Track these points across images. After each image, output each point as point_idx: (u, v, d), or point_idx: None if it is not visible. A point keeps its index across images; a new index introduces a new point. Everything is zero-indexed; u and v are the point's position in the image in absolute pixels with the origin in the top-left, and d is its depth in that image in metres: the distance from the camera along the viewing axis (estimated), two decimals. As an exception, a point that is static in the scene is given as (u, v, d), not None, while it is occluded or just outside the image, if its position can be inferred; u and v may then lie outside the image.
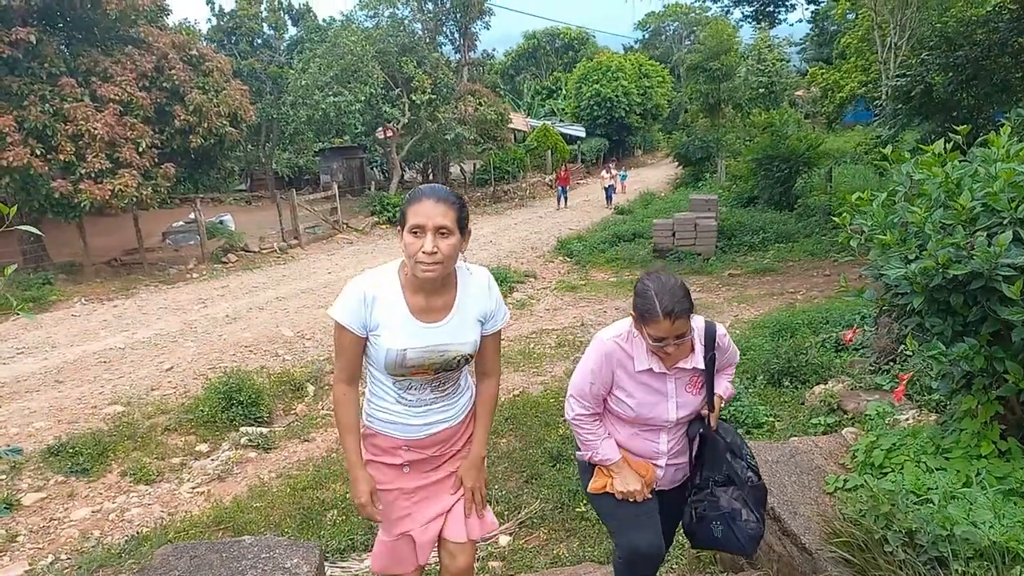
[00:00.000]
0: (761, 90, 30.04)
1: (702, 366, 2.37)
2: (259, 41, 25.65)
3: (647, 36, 59.10)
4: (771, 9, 16.36)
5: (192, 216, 17.61)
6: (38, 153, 12.69)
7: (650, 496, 2.43)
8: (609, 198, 23.77)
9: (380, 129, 24.31)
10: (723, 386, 2.51)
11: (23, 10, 13.04)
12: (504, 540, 4.11)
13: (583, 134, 38.46)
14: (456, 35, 28.17)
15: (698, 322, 2.38)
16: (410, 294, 2.08)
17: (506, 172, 29.44)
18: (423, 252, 1.92)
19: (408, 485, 2.24)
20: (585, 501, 4.29)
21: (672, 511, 2.55)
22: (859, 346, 6.00)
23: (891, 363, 5.12)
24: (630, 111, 39.23)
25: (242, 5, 24.65)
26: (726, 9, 17.55)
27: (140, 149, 13.78)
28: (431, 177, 28.56)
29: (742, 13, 17.60)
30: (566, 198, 24.83)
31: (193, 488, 5.62)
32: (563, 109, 42.35)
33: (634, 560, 2.45)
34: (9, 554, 4.65)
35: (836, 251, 11.34)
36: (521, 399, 6.61)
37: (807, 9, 18.98)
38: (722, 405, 2.50)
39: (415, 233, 1.93)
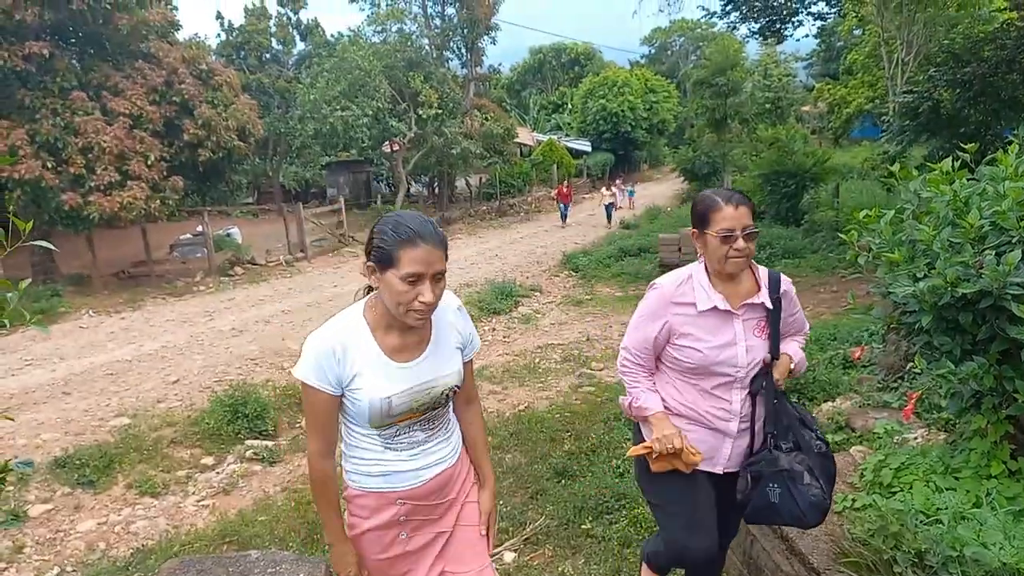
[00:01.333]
0: (767, 105, 30.12)
1: (769, 304, 2.30)
2: (268, 56, 25.89)
3: (653, 51, 59.52)
4: (778, 26, 16.42)
5: (200, 229, 17.72)
6: (49, 166, 12.83)
7: (684, 447, 2.26)
8: (609, 216, 22.83)
9: (387, 143, 24.46)
10: (792, 348, 2.41)
11: (36, 25, 13.21)
12: (509, 557, 4.08)
13: (589, 149, 38.62)
14: (463, 50, 28.36)
15: (761, 268, 2.38)
16: (382, 335, 1.89)
17: (512, 186, 29.56)
18: (421, 302, 1.75)
19: (409, 548, 2.04)
20: (591, 518, 4.28)
21: (733, 498, 2.37)
22: (867, 363, 5.97)
23: (899, 381, 5.09)
24: (636, 126, 39.39)
25: (251, 20, 24.91)
26: (732, 25, 17.61)
27: (149, 162, 13.89)
28: (437, 191, 28.66)
29: (749, 29, 17.66)
30: (564, 216, 23.81)
31: (198, 501, 5.62)
32: (569, 124, 42.53)
33: (683, 564, 2.37)
34: (15, 566, 4.65)
35: (843, 267, 11.35)
36: (527, 414, 6.59)
37: (814, 25, 19.03)
38: (791, 368, 2.36)
39: (412, 281, 1.74)
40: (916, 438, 3.79)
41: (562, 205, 23.96)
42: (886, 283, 2.70)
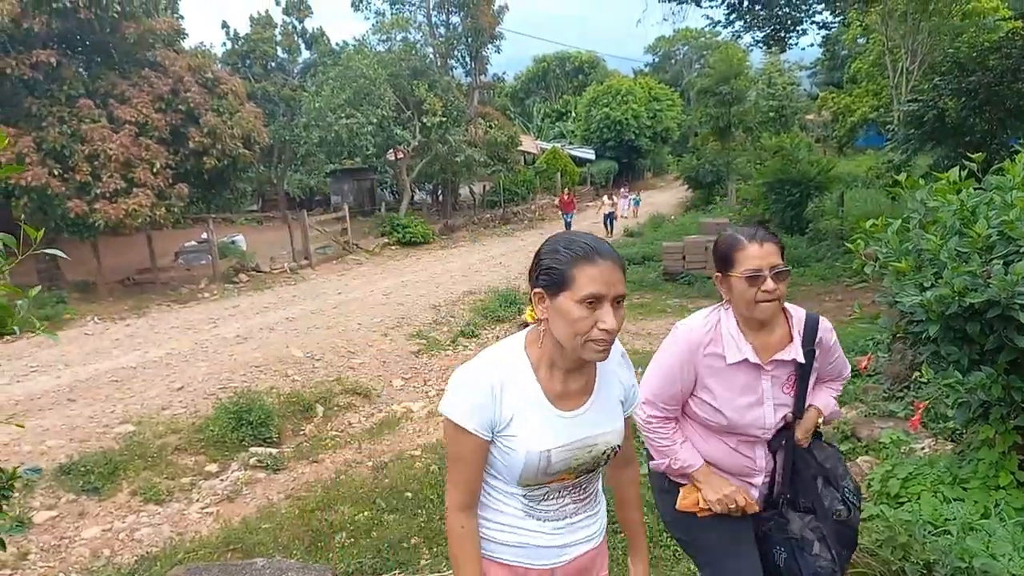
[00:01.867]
0: (771, 114, 30.21)
1: (802, 359, 2.05)
2: (273, 64, 26.01)
3: (657, 60, 59.68)
4: (782, 35, 16.44)
5: (204, 236, 17.76)
6: (56, 173, 12.88)
7: (751, 503, 2.10)
8: (608, 227, 21.90)
9: (391, 151, 24.52)
10: (823, 399, 2.19)
11: (44, 34, 13.30)
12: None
13: (593, 157, 38.68)
14: (467, 59, 28.47)
15: (797, 312, 2.13)
16: (545, 377, 1.61)
17: (516, 194, 29.60)
18: (601, 329, 1.48)
19: None
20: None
21: None
22: (872, 372, 5.96)
23: (905, 390, 5.08)
24: (640, 134, 39.46)
25: (256, 29, 25.05)
26: (736, 34, 17.63)
27: (155, 169, 13.95)
28: (441, 198, 28.72)
29: (753, 38, 17.66)
30: (569, 226, 22.61)
31: (202, 508, 5.62)
32: (573, 132, 42.64)
33: None
34: (20, 572, 4.65)
35: (848, 276, 11.31)
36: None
37: (818, 34, 19.06)
38: (820, 421, 2.18)
39: (590, 304, 1.47)
40: (923, 448, 3.78)
41: (565, 215, 23.07)
42: (893, 292, 2.70)
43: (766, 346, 2.06)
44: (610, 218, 22.32)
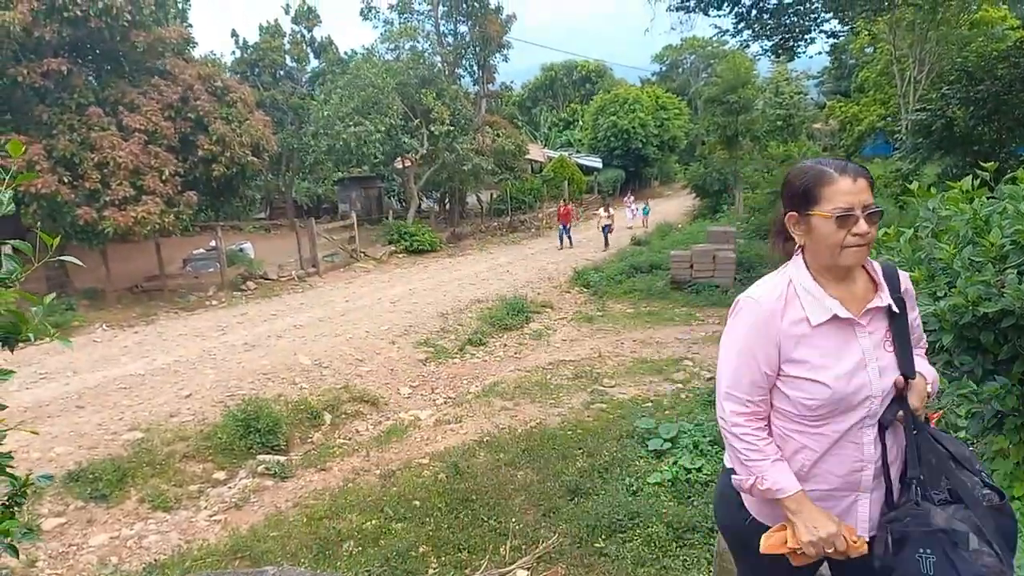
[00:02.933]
0: (779, 123, 30.13)
1: (896, 307, 1.73)
2: (282, 73, 26.18)
3: (664, 69, 59.75)
4: (790, 43, 16.44)
5: (213, 244, 17.84)
6: (65, 181, 12.97)
7: (856, 543, 1.67)
8: (606, 239, 21.19)
9: (399, 159, 24.60)
10: (924, 364, 1.83)
11: (55, 42, 13.42)
12: (522, 575, 4.06)
13: (600, 165, 38.75)
14: (475, 68, 28.55)
15: (872, 263, 1.81)
16: None
17: (523, 202, 29.64)
18: None
19: None
20: (604, 536, 4.23)
21: (866, 571, 1.72)
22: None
23: (916, 399, 5.04)
24: (647, 142, 39.52)
25: (265, 38, 25.22)
26: (745, 43, 17.63)
27: (164, 177, 14.01)
28: (448, 206, 28.76)
29: (761, 47, 17.65)
30: (570, 237, 21.93)
31: (210, 516, 5.62)
32: (580, 140, 42.73)
33: None
34: (27, 580, 4.66)
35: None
36: (538, 431, 6.57)
37: (826, 43, 19.05)
38: (930, 393, 1.77)
39: None
40: (935, 458, 3.74)
41: (561, 227, 22.13)
42: (905, 302, 2.68)
43: (853, 297, 1.73)
44: (607, 230, 21.60)
